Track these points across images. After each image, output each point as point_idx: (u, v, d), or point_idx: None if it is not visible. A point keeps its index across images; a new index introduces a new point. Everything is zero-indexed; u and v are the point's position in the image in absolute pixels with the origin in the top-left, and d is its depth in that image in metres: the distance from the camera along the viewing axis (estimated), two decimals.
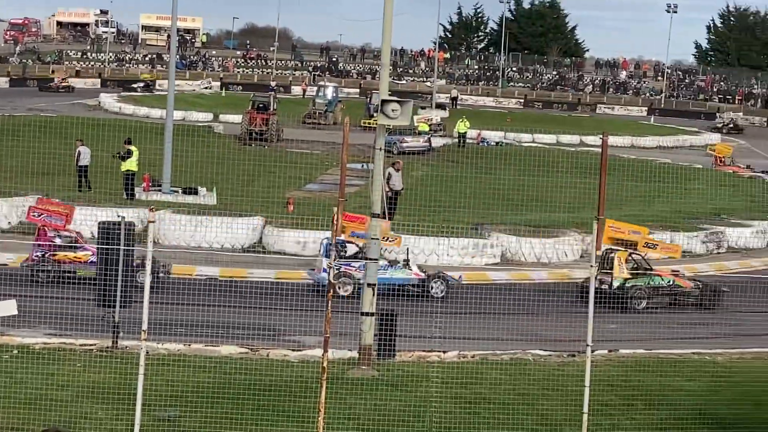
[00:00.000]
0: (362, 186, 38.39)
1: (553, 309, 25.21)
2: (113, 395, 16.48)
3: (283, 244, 31.80)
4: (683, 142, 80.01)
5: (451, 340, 21.14)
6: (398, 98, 20.54)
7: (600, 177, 30.18)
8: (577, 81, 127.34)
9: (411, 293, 27.65)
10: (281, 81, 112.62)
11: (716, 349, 22.69)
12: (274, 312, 22.75)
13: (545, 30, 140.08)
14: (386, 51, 21.03)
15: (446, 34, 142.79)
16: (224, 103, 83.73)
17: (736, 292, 28.33)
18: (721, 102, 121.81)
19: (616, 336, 23.33)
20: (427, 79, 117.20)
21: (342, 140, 30.79)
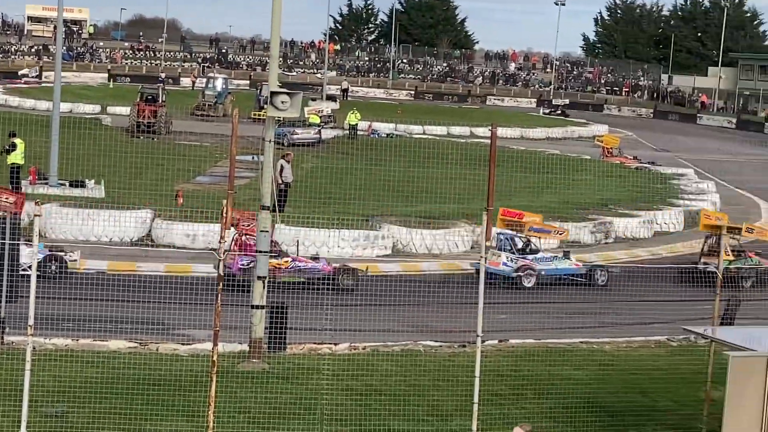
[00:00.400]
0: (252, 178, 38.19)
1: (444, 300, 25.39)
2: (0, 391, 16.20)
3: (172, 237, 31.54)
4: (571, 133, 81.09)
5: (342, 333, 21.15)
6: (288, 90, 20.49)
7: (489, 168, 30.42)
8: (467, 73, 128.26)
9: (576, 283, 29.69)
10: (170, 72, 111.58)
11: (604, 338, 23.08)
12: (163, 306, 22.54)
13: (435, 22, 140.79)
14: (275, 43, 20.96)
15: (336, 26, 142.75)
16: (112, 95, 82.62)
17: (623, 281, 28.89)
18: (609, 94, 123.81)
19: (506, 326, 23.57)
20: (318, 70, 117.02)
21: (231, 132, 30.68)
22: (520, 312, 25.57)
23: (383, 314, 24.10)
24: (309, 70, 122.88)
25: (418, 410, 16.95)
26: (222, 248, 16.16)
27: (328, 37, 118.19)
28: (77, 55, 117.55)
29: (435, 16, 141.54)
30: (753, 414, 13.68)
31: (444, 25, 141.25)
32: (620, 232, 37.67)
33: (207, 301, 21.13)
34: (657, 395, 18.89)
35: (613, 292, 28.45)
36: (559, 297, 27.97)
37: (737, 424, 13.68)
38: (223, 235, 16.76)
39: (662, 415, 17.89)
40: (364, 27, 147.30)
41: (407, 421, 16.44)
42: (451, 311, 23.86)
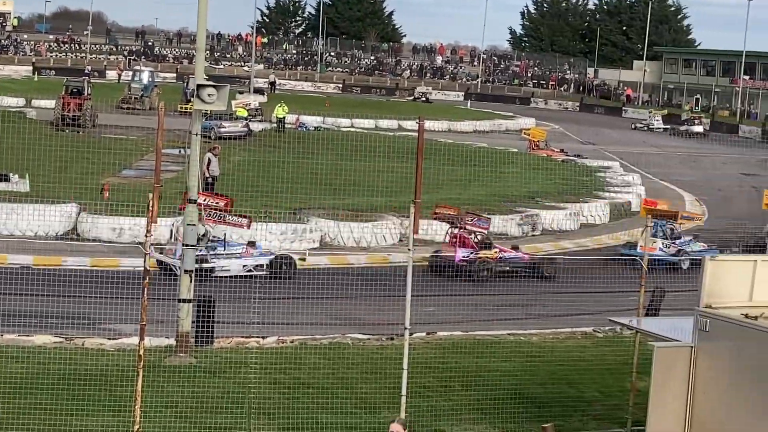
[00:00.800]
0: (179, 171, 37.98)
1: (372, 293, 25.42)
2: None
3: (98, 231, 31.24)
4: (499, 126, 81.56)
5: (270, 326, 21.11)
6: (214, 83, 20.38)
7: (417, 161, 30.60)
8: (395, 66, 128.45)
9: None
10: (96, 65, 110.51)
11: (531, 330, 23.25)
12: (90, 300, 22.35)
13: (363, 15, 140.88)
14: (201, 35, 20.85)
15: (264, 19, 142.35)
16: (37, 88, 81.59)
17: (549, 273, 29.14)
18: (536, 87, 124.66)
19: (434, 319, 23.67)
20: (245, 63, 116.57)
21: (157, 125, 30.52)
22: (448, 304, 25.70)
23: (311, 307, 24.14)
24: (236, 63, 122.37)
25: (346, 403, 16.97)
26: (148, 242, 16.03)
27: (256, 29, 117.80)
28: (1, 48, 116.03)
29: (362, 9, 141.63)
30: (677, 403, 13.87)
31: (372, 18, 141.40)
32: (547, 224, 37.93)
33: (134, 296, 21.01)
34: (583, 386, 19.08)
35: (540, 284, 28.69)
36: (487, 290, 28.12)
37: (662, 413, 13.86)
38: (149, 229, 16.63)
39: (588, 405, 18.08)
40: (291, 20, 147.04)
41: (335, 414, 16.45)
42: (380, 304, 23.89)
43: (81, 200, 32.26)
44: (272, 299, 23.60)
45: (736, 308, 13.77)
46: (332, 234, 32.99)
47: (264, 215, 31.45)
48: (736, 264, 14.45)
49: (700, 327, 13.80)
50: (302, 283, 26.76)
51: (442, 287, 27.41)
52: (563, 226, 38.25)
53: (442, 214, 31.41)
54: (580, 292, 26.83)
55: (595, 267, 29.91)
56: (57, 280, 23.37)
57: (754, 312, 13.58)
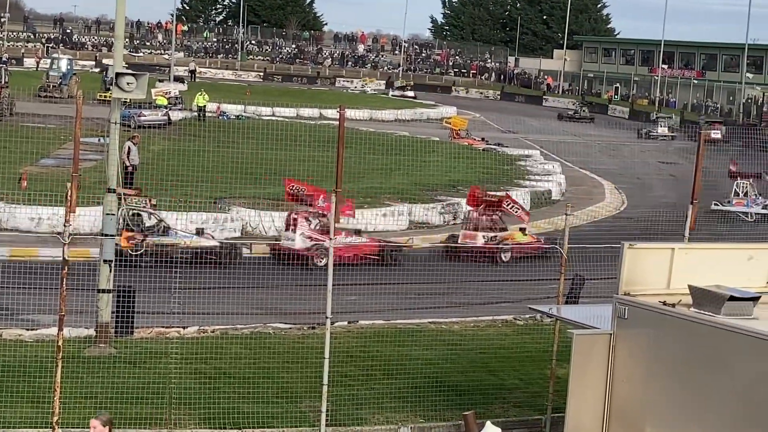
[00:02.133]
0: (99, 161, 37.57)
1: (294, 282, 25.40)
2: None
3: (16, 221, 30.87)
4: (420, 115, 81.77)
5: (191, 316, 21.00)
6: (133, 71, 20.20)
7: (337, 150, 30.54)
8: (316, 54, 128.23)
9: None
10: (13, 53, 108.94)
11: (452, 318, 23.37)
12: (8, 291, 22.05)
13: (284, 3, 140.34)
14: (120, 23, 20.66)
15: (184, 6, 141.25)
16: None
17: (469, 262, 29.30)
18: (457, 75, 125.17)
19: (356, 308, 23.70)
20: (165, 51, 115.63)
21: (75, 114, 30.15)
22: (369, 293, 25.74)
23: (233, 297, 24.05)
24: (156, 51, 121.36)
25: (268, 392, 16.96)
26: (67, 232, 15.86)
27: (176, 17, 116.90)
28: None
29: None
30: (596, 390, 14.02)
31: (293, 6, 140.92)
32: None
33: (53, 286, 20.76)
34: (504, 374, 19.23)
35: (461, 272, 28.83)
36: (408, 278, 28.19)
37: (581, 400, 14.00)
38: (68, 219, 16.45)
39: (509, 392, 18.24)
40: (212, 8, 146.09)
41: (257, 404, 16.43)
42: (302, 293, 23.88)
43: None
44: (193, 289, 23.47)
45: (654, 296, 13.94)
46: (253, 223, 32.90)
47: (185, 204, 31.26)
48: (654, 251, 14.62)
49: (619, 314, 13.96)
50: (223, 273, 26.64)
51: (363, 277, 27.43)
52: None
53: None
54: (501, 281, 27.06)
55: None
56: None
57: (671, 299, 13.77)
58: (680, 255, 14.41)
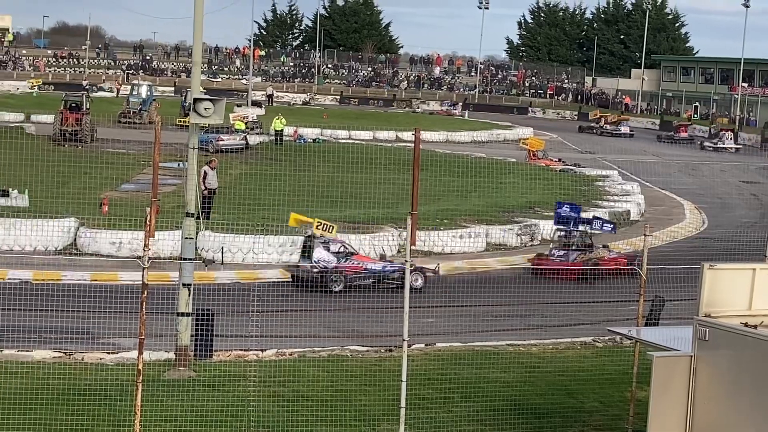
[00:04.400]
0: (178, 185, 38.00)
1: (371, 304, 25.47)
2: None
3: (97, 245, 31.25)
4: (497, 136, 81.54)
5: (269, 339, 21.10)
6: (211, 96, 20.40)
7: (413, 172, 30.58)
8: (392, 77, 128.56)
9: None
10: (94, 80, 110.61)
11: (531, 341, 23.22)
12: (89, 315, 22.34)
13: (360, 26, 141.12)
14: (198, 49, 20.87)
15: (261, 32, 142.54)
16: (36, 103, 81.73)
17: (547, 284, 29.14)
18: (533, 96, 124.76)
19: (433, 330, 23.65)
20: (243, 76, 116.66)
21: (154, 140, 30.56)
22: (447, 315, 25.68)
23: (311, 319, 24.13)
24: (234, 76, 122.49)
25: (346, 415, 16.95)
26: (147, 256, 16.04)
27: (253, 43, 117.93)
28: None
29: (359, 21, 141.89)
30: (677, 413, 13.85)
31: (368, 29, 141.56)
32: (546, 234, 37.87)
33: (133, 310, 21.00)
34: (583, 396, 19.05)
35: (541, 293, 28.65)
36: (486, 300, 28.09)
37: (662, 423, 13.84)
38: (147, 243, 16.64)
39: (588, 416, 18.06)
40: (288, 32, 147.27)
41: (335, 427, 16.44)
42: (379, 316, 23.91)
43: (80, 215, 32.29)
44: (271, 312, 23.60)
45: (735, 317, 13.75)
46: None
47: (263, 228, 31.47)
48: (735, 272, 14.43)
49: (699, 336, 13.78)
50: (301, 295, 26.75)
51: (441, 299, 27.36)
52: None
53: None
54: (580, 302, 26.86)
55: (596, 277, 29.92)
56: (56, 295, 23.39)
57: (753, 320, 13.57)
58: (762, 275, 14.21)
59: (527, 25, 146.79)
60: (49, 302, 23.47)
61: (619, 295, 25.76)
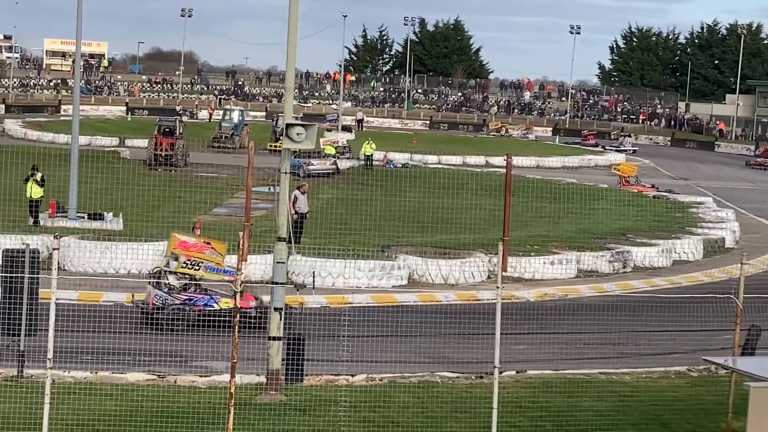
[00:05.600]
0: (269, 209, 38.29)
1: (461, 330, 25.34)
2: (19, 425, 16.19)
3: None
4: (588, 161, 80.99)
5: (359, 364, 21.11)
6: (303, 122, 20.51)
7: (505, 198, 30.47)
8: (483, 102, 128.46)
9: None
10: (187, 105, 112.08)
11: (623, 369, 22.93)
12: (181, 337, 22.56)
13: (450, 51, 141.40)
14: (290, 75, 21.01)
15: (351, 57, 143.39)
16: (130, 128, 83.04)
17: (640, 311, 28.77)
18: (626, 122, 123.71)
19: (524, 357, 23.48)
20: (333, 101, 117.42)
21: (247, 164, 30.82)
22: (538, 342, 25.48)
23: (400, 345, 24.07)
24: (324, 101, 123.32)
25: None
26: (239, 280, 16.17)
27: (344, 68, 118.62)
28: (95, 89, 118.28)
29: (449, 46, 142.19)
30: None
31: (459, 54, 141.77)
32: (638, 261, 37.50)
33: (224, 333, 21.16)
34: (677, 426, 18.75)
35: (633, 321, 28.30)
36: (577, 327, 27.84)
37: None
38: (239, 267, 16.78)
39: None
40: (378, 58, 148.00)
41: None
42: (469, 342, 23.79)
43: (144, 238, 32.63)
44: (361, 337, 23.63)
45: None
46: (420, 271, 32.95)
47: (353, 252, 31.54)
48: None
49: None
50: (391, 321, 26.71)
51: (532, 325, 27.17)
52: (655, 262, 37.76)
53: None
54: (673, 331, 26.48)
55: (689, 305, 29.46)
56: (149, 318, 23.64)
57: None
58: None
59: (619, 50, 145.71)
60: (143, 325, 23.75)
61: (714, 324, 25.34)
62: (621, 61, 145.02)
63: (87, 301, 26.33)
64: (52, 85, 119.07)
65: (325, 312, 27.44)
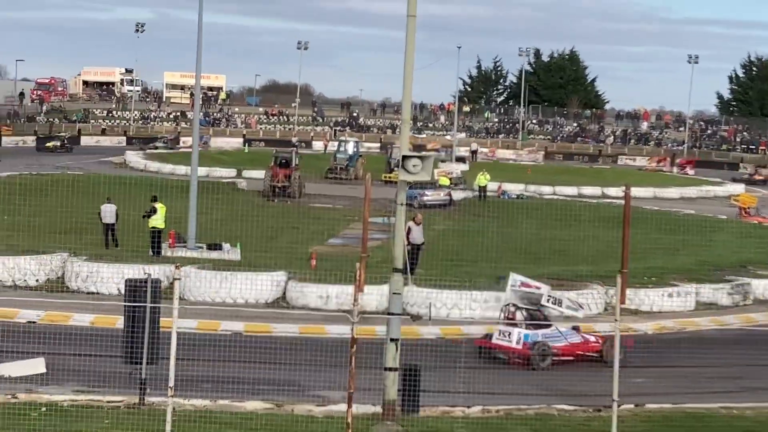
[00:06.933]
0: (384, 240, 38.46)
1: (576, 363, 25.17)
2: None
3: (306, 299, 31.82)
4: (707, 192, 79.79)
5: (475, 395, 21.08)
6: (419, 153, 20.62)
7: (623, 230, 30.19)
8: (598, 132, 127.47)
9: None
10: (303, 137, 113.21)
11: (745, 404, 22.52)
12: (298, 367, 22.78)
13: (565, 82, 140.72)
14: (406, 106, 21.16)
15: (466, 88, 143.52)
16: (247, 160, 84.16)
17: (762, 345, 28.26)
18: (744, 152, 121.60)
19: (642, 390, 23.21)
20: (447, 132, 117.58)
21: (364, 195, 31.05)
22: (656, 375, 25.17)
23: (516, 377, 23.99)
24: (438, 132, 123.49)
25: None
26: (356, 311, 16.32)
27: (458, 99, 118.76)
28: (213, 121, 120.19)
29: (565, 77, 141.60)
30: None
31: (574, 85, 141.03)
32: (759, 293, 36.81)
33: (341, 363, 21.29)
34: None
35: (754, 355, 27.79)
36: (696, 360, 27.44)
37: None
38: (356, 297, 16.94)
39: None
40: (493, 88, 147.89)
41: None
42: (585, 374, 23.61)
43: (289, 268, 32.96)
44: (477, 368, 23.60)
45: None
46: None
47: (468, 283, 31.53)
48: None
49: None
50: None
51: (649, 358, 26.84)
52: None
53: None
54: None
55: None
56: (267, 347, 23.94)
57: None
58: None
59: (738, 80, 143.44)
60: (260, 354, 24.04)
61: None
62: (740, 90, 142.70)
63: (206, 330, 26.74)
64: (172, 117, 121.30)
65: (440, 343, 27.48)
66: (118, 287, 29.35)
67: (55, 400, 19.69)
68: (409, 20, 19.89)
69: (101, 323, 26.98)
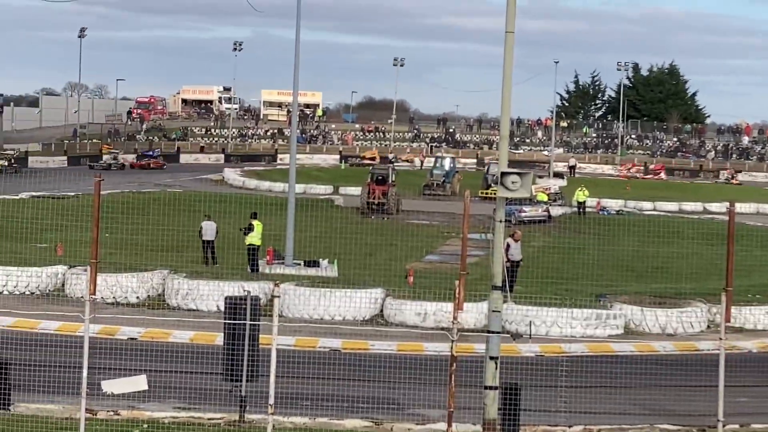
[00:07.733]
0: (481, 257, 38.23)
1: (680, 381, 24.73)
2: None
3: (403, 316, 31.73)
4: None
5: (576, 414, 20.82)
6: (518, 170, 20.43)
7: (728, 247, 29.72)
8: (699, 147, 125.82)
9: None
10: (399, 153, 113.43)
11: None
12: (396, 385, 22.69)
13: (664, 96, 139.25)
14: (505, 122, 20.99)
15: (563, 103, 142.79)
16: (344, 176, 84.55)
17: None
18: None
19: (747, 409, 22.74)
20: (545, 148, 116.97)
21: (462, 211, 30.93)
22: (761, 395, 24.64)
23: (617, 395, 23.64)
24: (536, 147, 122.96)
25: None
26: (455, 328, 16.19)
27: (555, 114, 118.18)
28: (310, 138, 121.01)
29: (664, 91, 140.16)
30: None
31: (674, 99, 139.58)
32: None
33: (439, 381, 21.17)
34: None
35: None
36: None
37: None
38: (455, 315, 16.82)
39: None
40: (591, 103, 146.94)
41: None
42: (689, 394, 23.18)
43: (387, 285, 32.93)
44: (578, 387, 23.31)
45: None
46: (636, 320, 32.33)
47: (568, 300, 31.22)
48: None
49: None
50: (608, 371, 26.27)
51: (755, 377, 26.31)
52: None
53: None
54: None
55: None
56: (365, 364, 23.91)
57: None
58: None
59: None
60: (358, 371, 24.02)
61: None
62: None
63: (304, 347, 26.79)
64: (269, 134, 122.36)
65: (540, 361, 27.21)
66: (217, 304, 29.59)
67: (156, 417, 19.83)
68: (507, 36, 19.72)
69: (200, 340, 27.17)
